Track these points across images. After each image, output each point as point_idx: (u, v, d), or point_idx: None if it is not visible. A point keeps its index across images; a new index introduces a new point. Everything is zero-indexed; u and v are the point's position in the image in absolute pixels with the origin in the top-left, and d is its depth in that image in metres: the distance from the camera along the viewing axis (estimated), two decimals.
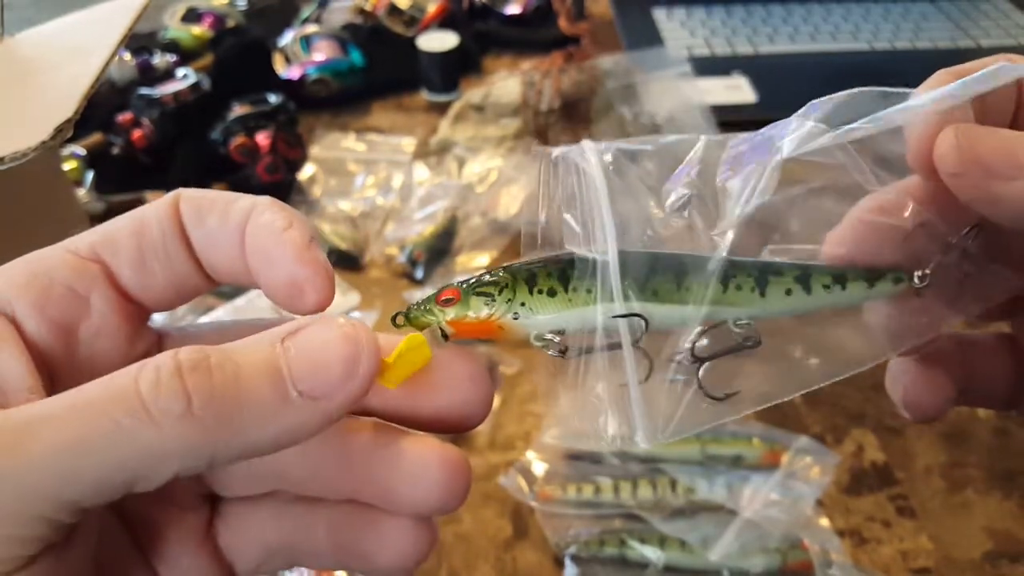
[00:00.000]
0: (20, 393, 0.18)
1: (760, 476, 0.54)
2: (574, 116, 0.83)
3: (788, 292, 0.22)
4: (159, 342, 0.22)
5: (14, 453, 0.15)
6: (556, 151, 0.22)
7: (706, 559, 0.50)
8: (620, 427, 0.21)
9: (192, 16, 1.01)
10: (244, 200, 0.21)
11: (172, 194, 0.21)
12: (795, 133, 0.21)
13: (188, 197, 0.21)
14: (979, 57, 0.22)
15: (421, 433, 0.21)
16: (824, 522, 0.53)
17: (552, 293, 0.21)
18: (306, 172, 0.83)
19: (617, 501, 0.54)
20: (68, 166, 0.78)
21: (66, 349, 0.20)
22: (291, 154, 0.81)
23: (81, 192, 0.76)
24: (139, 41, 0.98)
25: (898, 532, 0.53)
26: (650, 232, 0.22)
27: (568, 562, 0.51)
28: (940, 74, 0.22)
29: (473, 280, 0.21)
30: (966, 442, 0.58)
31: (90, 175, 0.78)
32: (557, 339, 0.21)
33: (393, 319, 0.21)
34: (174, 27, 0.99)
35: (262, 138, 0.79)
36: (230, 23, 1.02)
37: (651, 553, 0.51)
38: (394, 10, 1.02)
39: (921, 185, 0.23)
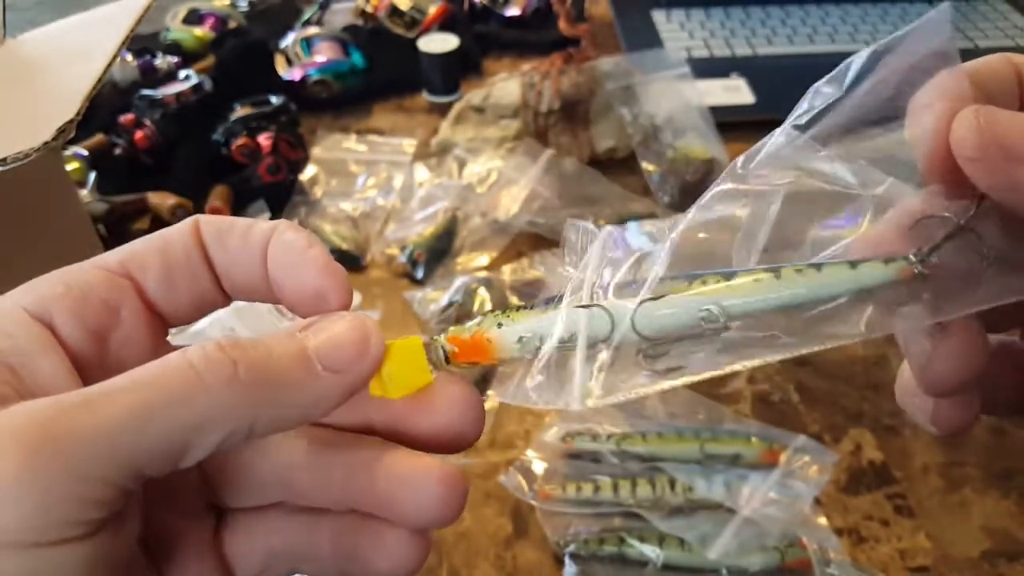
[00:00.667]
0: (67, 389, 0.19)
1: (758, 475, 0.54)
2: (574, 117, 0.83)
3: (756, 280, 0.21)
4: None
5: (87, 418, 0.17)
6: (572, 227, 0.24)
7: (705, 557, 0.50)
8: (555, 390, 0.22)
9: (194, 17, 1.02)
10: (263, 224, 0.23)
11: (191, 219, 0.23)
12: (764, 147, 0.22)
13: (207, 221, 0.23)
14: (976, 58, 0.22)
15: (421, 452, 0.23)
16: (822, 521, 0.53)
17: (532, 307, 0.23)
18: (307, 173, 0.84)
19: (616, 500, 0.54)
20: (70, 167, 0.78)
21: (99, 356, 0.21)
22: (292, 155, 0.81)
23: (83, 193, 0.76)
24: (141, 42, 0.98)
25: (896, 531, 0.53)
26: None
27: (568, 560, 0.51)
28: (943, 75, 0.21)
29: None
30: (963, 441, 0.58)
31: (92, 176, 0.79)
32: (536, 342, 0.22)
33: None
34: (176, 28, 1.00)
35: (264, 139, 0.80)
36: (232, 24, 1.02)
37: (650, 551, 0.51)
38: (395, 12, 1.03)
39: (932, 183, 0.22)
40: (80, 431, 0.17)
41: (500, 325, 0.22)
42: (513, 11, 1.07)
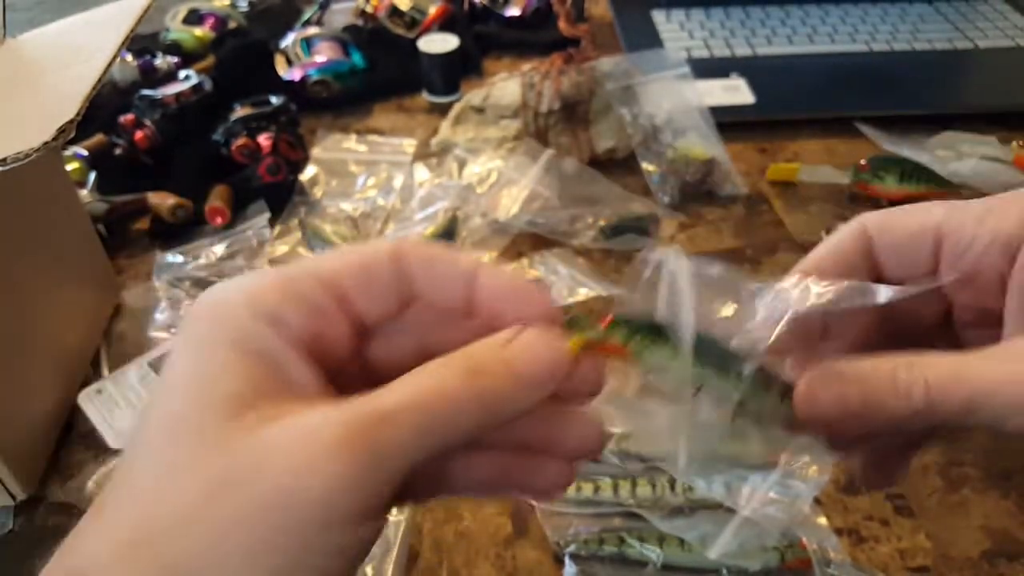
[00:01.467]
0: (318, 390, 0.23)
1: (758, 475, 0.54)
2: (574, 117, 0.83)
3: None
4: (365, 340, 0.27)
5: (390, 431, 0.21)
6: (657, 255, 0.29)
7: (705, 557, 0.50)
8: (674, 453, 0.29)
9: (194, 18, 1.02)
10: (465, 255, 0.26)
11: (414, 243, 0.25)
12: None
13: (416, 248, 0.25)
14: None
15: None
16: (822, 521, 0.53)
17: (664, 342, 0.27)
18: (307, 173, 0.84)
19: (616, 500, 0.54)
20: (70, 167, 0.78)
21: (320, 355, 0.24)
22: (293, 155, 0.81)
23: (83, 193, 0.77)
24: (141, 42, 0.98)
25: (896, 531, 0.53)
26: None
27: (568, 560, 0.51)
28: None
29: (624, 317, 0.28)
30: (963, 441, 0.58)
31: (92, 176, 0.79)
32: (658, 381, 0.28)
33: (566, 321, 0.27)
34: (176, 29, 1.00)
35: (264, 139, 0.80)
36: (232, 25, 1.02)
37: (650, 551, 0.51)
38: (395, 12, 1.03)
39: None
40: (386, 440, 0.21)
41: (640, 351, 0.27)
42: (513, 11, 1.08)
